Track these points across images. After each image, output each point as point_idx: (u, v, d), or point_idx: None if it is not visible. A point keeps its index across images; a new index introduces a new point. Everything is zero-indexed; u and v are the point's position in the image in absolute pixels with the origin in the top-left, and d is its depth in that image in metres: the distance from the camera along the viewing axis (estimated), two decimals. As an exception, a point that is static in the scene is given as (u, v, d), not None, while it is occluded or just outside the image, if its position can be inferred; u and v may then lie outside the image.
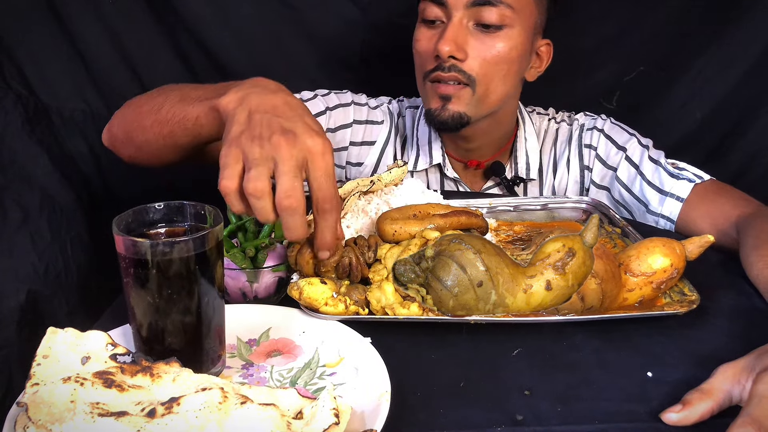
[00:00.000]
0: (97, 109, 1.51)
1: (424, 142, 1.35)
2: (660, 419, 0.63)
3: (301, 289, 0.78)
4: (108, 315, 0.83)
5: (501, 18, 1.15)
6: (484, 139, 1.30)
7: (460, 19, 1.16)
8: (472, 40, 1.17)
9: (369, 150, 1.37)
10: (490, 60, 1.17)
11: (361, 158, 1.37)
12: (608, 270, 0.79)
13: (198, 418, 0.55)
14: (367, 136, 1.37)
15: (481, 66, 1.17)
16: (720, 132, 1.67)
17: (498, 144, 1.34)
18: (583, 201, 1.16)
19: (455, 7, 1.15)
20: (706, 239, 0.85)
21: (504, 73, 1.19)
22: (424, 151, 1.35)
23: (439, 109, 1.21)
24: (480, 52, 1.17)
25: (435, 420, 0.64)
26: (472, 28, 1.17)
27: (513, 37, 1.17)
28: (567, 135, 1.35)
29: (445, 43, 1.15)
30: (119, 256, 0.65)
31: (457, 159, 1.36)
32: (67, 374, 0.59)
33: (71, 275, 1.27)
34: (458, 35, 1.16)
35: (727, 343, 0.78)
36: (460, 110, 1.20)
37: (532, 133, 1.36)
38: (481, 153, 1.34)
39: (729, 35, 1.59)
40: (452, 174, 1.35)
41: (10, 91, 1.34)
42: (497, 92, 1.21)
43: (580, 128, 1.34)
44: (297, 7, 1.58)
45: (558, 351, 0.76)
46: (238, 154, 0.72)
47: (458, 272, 0.76)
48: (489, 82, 1.19)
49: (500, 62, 1.18)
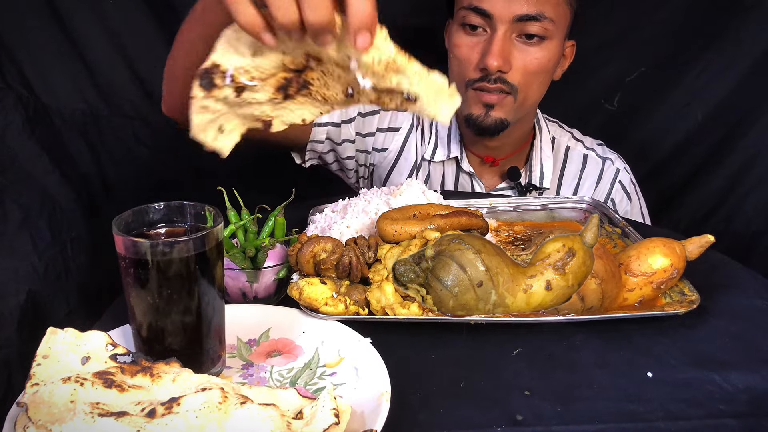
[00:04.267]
0: (97, 109, 1.51)
1: (443, 135, 1.39)
2: (660, 419, 0.64)
3: (301, 289, 0.78)
4: (108, 315, 0.83)
5: (543, 31, 1.20)
6: (507, 139, 1.35)
7: (505, 32, 1.19)
8: (515, 52, 1.22)
9: (393, 136, 1.40)
10: (531, 71, 1.23)
11: (386, 144, 1.41)
12: (608, 270, 0.79)
13: (198, 418, 0.55)
14: (393, 122, 1.40)
15: (523, 76, 1.23)
16: (720, 132, 1.67)
17: (516, 143, 1.39)
18: (583, 201, 1.16)
19: (501, 20, 1.19)
20: (706, 239, 0.85)
21: (541, 80, 1.27)
22: (443, 143, 1.39)
23: (482, 116, 1.26)
24: (523, 63, 1.22)
25: (435, 420, 0.64)
26: (515, 39, 1.21)
27: (552, 48, 1.23)
28: (598, 171, 1.42)
29: (494, 57, 1.19)
30: (119, 256, 0.65)
31: (474, 154, 1.40)
32: (67, 374, 0.59)
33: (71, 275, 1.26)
34: (504, 48, 1.20)
35: (727, 343, 0.78)
36: (502, 116, 1.26)
37: (548, 143, 1.41)
38: (499, 151, 1.38)
39: (729, 36, 1.59)
40: (468, 168, 1.39)
41: (10, 91, 1.34)
42: (534, 97, 1.29)
43: (615, 172, 1.41)
44: (297, 7, 1.57)
45: (558, 351, 0.76)
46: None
47: (458, 272, 0.76)
48: (528, 90, 1.25)
49: (540, 72, 1.24)
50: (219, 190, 0.87)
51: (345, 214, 0.98)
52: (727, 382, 0.71)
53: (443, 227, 0.89)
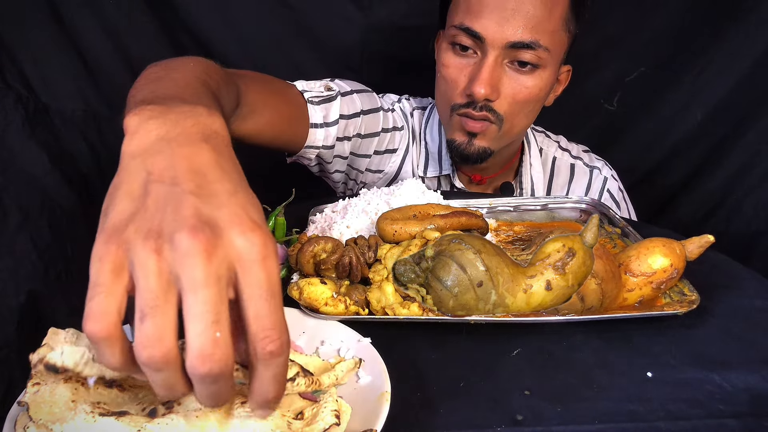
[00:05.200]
0: (97, 110, 1.51)
1: (434, 150, 1.36)
2: (660, 419, 0.64)
3: (301, 289, 0.78)
4: (108, 315, 0.82)
5: (537, 59, 1.13)
6: (492, 160, 1.31)
7: (496, 58, 1.12)
8: (505, 79, 1.15)
9: (390, 158, 1.36)
10: (520, 100, 1.17)
11: (381, 166, 1.36)
12: (608, 270, 0.79)
13: (198, 417, 0.55)
14: (390, 144, 1.35)
15: (511, 105, 1.17)
16: (720, 133, 1.67)
17: (503, 162, 1.37)
18: (583, 201, 1.16)
19: (492, 45, 1.11)
20: (706, 239, 0.86)
21: (530, 109, 1.20)
22: (434, 160, 1.36)
23: (465, 144, 1.22)
24: (512, 91, 1.15)
25: (435, 420, 0.64)
26: (506, 65, 1.15)
27: (545, 77, 1.16)
28: (586, 181, 1.42)
29: (482, 85, 1.12)
30: (119, 256, 0.65)
31: (463, 172, 1.38)
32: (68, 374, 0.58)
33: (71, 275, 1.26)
34: (493, 76, 1.13)
35: (727, 343, 0.78)
36: (485, 146, 1.22)
37: (536, 156, 1.39)
38: (486, 171, 1.36)
39: (729, 36, 1.59)
40: (459, 185, 1.37)
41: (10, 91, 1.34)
42: (520, 126, 1.23)
43: (603, 181, 1.42)
44: (297, 7, 1.58)
45: (558, 351, 0.76)
46: (120, 262, 0.45)
47: (458, 272, 0.76)
48: (514, 119, 1.19)
49: (529, 101, 1.18)
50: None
51: (345, 214, 0.98)
52: (727, 382, 0.71)
53: (443, 227, 0.89)
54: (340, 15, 1.59)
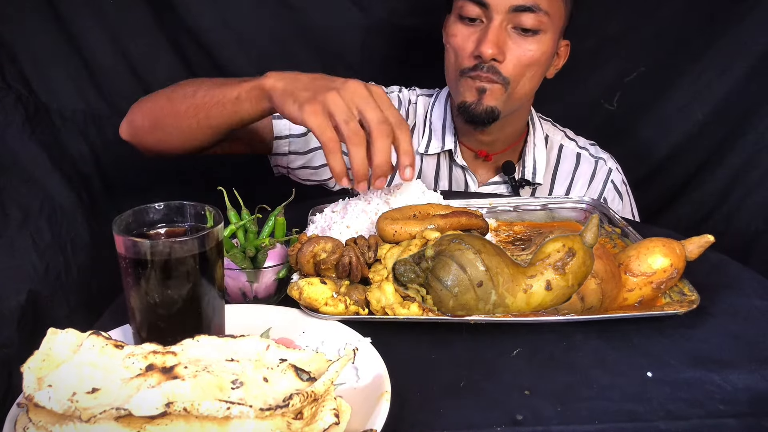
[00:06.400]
0: (97, 110, 1.51)
1: (437, 127, 1.40)
2: (660, 419, 0.64)
3: (301, 289, 0.78)
4: (108, 315, 0.83)
5: (538, 23, 1.22)
6: (500, 134, 1.36)
7: (500, 22, 1.21)
8: (510, 42, 1.23)
9: None
10: (524, 62, 1.25)
11: None
12: (608, 270, 0.79)
13: (198, 418, 0.55)
14: None
15: (516, 67, 1.24)
16: (720, 132, 1.67)
17: (509, 139, 1.40)
18: (583, 201, 1.16)
19: (497, 10, 1.21)
20: (706, 239, 0.85)
21: (533, 74, 1.27)
22: (437, 136, 1.39)
23: (474, 103, 1.27)
24: (516, 54, 1.23)
25: (435, 420, 0.64)
26: (510, 31, 1.23)
27: (545, 41, 1.25)
28: (590, 170, 1.43)
29: (489, 45, 1.21)
30: (119, 256, 0.65)
31: (468, 148, 1.40)
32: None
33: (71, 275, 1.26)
34: (499, 38, 1.22)
35: (727, 343, 0.78)
36: (492, 105, 1.26)
37: (541, 140, 1.42)
38: (493, 146, 1.39)
39: (730, 36, 1.59)
40: (461, 162, 1.39)
41: (10, 91, 1.34)
42: (524, 90, 1.29)
43: (608, 172, 1.44)
44: (297, 7, 1.58)
45: (558, 351, 0.76)
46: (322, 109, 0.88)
47: (458, 272, 0.76)
48: (519, 81, 1.26)
49: (532, 64, 1.26)
50: (219, 190, 0.87)
51: (345, 214, 0.98)
52: (727, 382, 0.71)
53: (443, 227, 0.89)
54: (340, 14, 1.59)
